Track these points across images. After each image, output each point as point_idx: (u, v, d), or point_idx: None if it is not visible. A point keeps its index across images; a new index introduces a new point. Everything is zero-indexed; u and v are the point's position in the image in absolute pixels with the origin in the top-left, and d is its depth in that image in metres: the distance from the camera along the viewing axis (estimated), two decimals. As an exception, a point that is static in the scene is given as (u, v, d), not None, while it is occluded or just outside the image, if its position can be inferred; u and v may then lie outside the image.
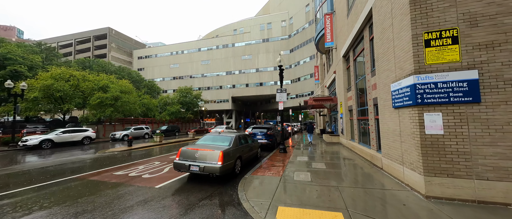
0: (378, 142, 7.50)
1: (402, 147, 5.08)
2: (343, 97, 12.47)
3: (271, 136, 12.24)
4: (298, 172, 6.52)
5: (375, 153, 7.41)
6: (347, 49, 11.08)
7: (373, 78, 7.56)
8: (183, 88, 39.71)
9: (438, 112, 4.24)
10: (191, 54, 59.53)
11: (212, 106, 56.91)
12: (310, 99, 17.42)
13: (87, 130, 18.11)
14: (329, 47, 14.84)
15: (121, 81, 27.16)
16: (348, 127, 12.00)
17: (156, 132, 26.21)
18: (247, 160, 7.84)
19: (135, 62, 63.82)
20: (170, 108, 34.35)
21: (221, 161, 5.61)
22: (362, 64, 9.18)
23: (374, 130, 7.63)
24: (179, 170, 5.85)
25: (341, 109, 13.11)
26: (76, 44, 60.51)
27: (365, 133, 9.13)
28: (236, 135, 7.27)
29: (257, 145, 9.32)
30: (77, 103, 22.52)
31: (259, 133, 12.42)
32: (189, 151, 5.96)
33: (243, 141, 7.81)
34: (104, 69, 40.15)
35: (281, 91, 10.92)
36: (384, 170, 6.32)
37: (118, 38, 60.74)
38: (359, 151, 9.26)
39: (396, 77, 5.25)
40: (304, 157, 9.11)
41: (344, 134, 12.53)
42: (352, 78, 10.79)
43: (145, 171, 7.01)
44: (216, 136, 7.23)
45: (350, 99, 11.37)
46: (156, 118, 31.83)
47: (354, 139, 10.88)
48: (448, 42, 4.25)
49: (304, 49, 46.87)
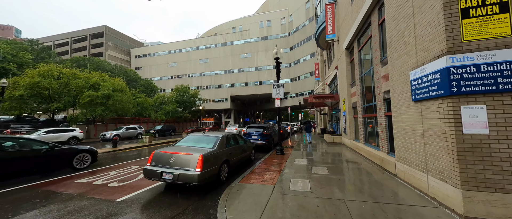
0: (389, 143, 6.43)
1: (426, 150, 4.01)
2: (346, 94, 11.40)
3: (268, 136, 11.18)
4: (296, 179, 5.45)
5: (386, 156, 6.34)
6: (350, 40, 10.00)
7: (383, 68, 6.48)
8: (180, 87, 38.68)
9: (481, 104, 3.17)
10: (189, 52, 58.50)
11: (211, 106, 55.88)
12: (310, 97, 16.35)
13: (74, 129, 17.09)
14: (330, 40, 13.75)
15: (114, 79, 26.14)
16: (351, 126, 10.93)
17: (149, 131, 25.23)
18: (238, 163, 6.79)
19: (132, 61, 62.81)
20: (166, 108, 33.31)
21: (200, 167, 4.55)
22: (369, 54, 8.10)
23: (384, 129, 6.56)
24: (150, 178, 4.80)
25: (344, 107, 12.04)
26: (73, 43, 59.55)
27: (372, 132, 8.06)
28: (223, 135, 6.21)
29: (250, 146, 8.26)
30: (66, 102, 21.51)
31: (255, 132, 11.36)
32: (163, 155, 4.90)
33: (233, 141, 6.76)
34: (99, 67, 39.16)
35: (277, 87, 9.86)
36: (399, 177, 5.25)
37: (115, 36, 59.77)
38: (365, 153, 8.18)
39: (418, 62, 4.18)
40: (303, 160, 8.04)
41: (347, 134, 11.46)
42: (356, 72, 9.71)
43: (115, 178, 5.95)
44: (200, 136, 6.18)
45: (354, 95, 10.30)
46: (151, 118, 30.81)
47: (358, 139, 9.81)
48: (495, 10, 3.18)
49: (304, 47, 45.76)
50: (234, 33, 55.34)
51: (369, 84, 8.37)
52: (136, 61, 62.75)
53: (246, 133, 11.55)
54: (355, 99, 10.14)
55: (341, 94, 13.13)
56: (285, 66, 50.73)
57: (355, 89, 10.09)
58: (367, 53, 8.39)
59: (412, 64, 4.39)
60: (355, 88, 9.96)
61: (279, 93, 9.88)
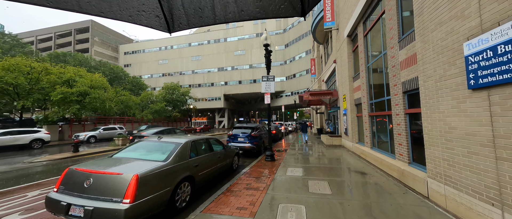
0: (411, 149, 4.83)
1: (501, 169, 2.40)
2: (347, 89, 9.82)
3: (256, 138, 9.48)
4: (287, 206, 3.78)
5: (407, 167, 4.73)
6: (354, 24, 8.41)
7: (403, 50, 4.87)
8: (170, 84, 36.56)
9: None
10: (181, 49, 56.27)
11: (203, 105, 53.87)
12: (305, 94, 14.75)
13: (39, 130, 15.00)
14: (329, 28, 12.15)
15: (93, 75, 23.94)
16: (354, 126, 9.36)
17: (132, 132, 23.21)
18: (211, 177, 5.09)
19: (121, 58, 60.06)
20: (153, 106, 31.20)
21: (132, 196, 2.82)
22: (380, 37, 6.50)
23: (403, 130, 4.96)
24: (53, 214, 3.03)
25: (345, 104, 10.47)
26: (57, 38, 56.40)
27: (384, 135, 6.47)
28: (188, 141, 4.47)
29: (231, 152, 6.55)
30: (36, 100, 19.27)
31: (241, 134, 9.64)
32: (78, 174, 3.14)
33: (204, 148, 5.03)
34: (82, 64, 36.62)
35: (267, 80, 8.17)
36: (436, 203, 3.64)
37: (102, 32, 56.93)
38: (373, 160, 6.59)
39: (484, 24, 2.56)
40: (297, 169, 6.38)
41: (348, 135, 9.89)
42: (361, 62, 8.12)
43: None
44: (154, 142, 4.42)
45: (358, 90, 8.71)
46: (136, 117, 28.68)
47: (363, 142, 8.24)
48: None
49: (300, 44, 44.30)
50: (228, 30, 53.43)
51: (380, 75, 6.78)
52: (125, 58, 60.03)
53: (231, 135, 9.84)
54: (359, 95, 8.55)
55: (341, 90, 11.56)
56: (280, 64, 49.17)
57: (359, 83, 8.50)
58: (377, 35, 6.79)
59: (470, 30, 2.76)
60: (359, 81, 8.37)
61: (269, 87, 8.20)
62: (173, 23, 1.40)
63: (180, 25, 1.41)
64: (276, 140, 16.16)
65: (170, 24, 1.39)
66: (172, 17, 1.37)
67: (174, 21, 1.39)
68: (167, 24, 1.38)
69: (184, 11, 1.34)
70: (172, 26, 1.41)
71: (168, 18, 1.36)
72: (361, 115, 8.44)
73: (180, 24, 1.40)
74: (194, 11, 1.33)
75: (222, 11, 1.30)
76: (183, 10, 1.33)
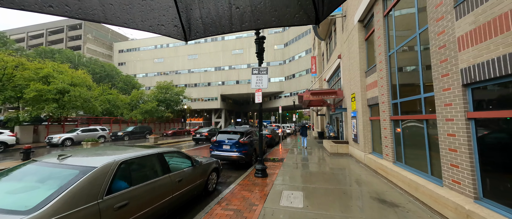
0: (478, 178, 3.02)
1: None
2: (358, 86, 8.03)
3: (246, 146, 7.63)
4: None
5: (472, 205, 2.92)
6: (369, 3, 6.63)
7: (466, 19, 3.07)
8: (163, 83, 34.66)
9: None
10: (177, 48, 54.51)
11: (199, 105, 52.04)
12: (306, 93, 12.97)
13: (1, 132, 13.14)
14: (334, 16, 10.38)
15: (76, 71, 22.09)
16: (366, 133, 7.55)
17: (117, 134, 21.33)
18: (168, 211, 3.27)
19: (115, 56, 58.25)
20: (144, 106, 29.25)
21: None
22: (412, 10, 4.71)
23: (463, 145, 3.16)
24: None
25: (354, 104, 8.68)
26: (48, 35, 54.47)
27: (417, 147, 4.65)
28: (108, 163, 2.62)
29: (205, 169, 4.71)
30: (8, 98, 17.38)
31: (227, 141, 7.78)
32: None
33: (147, 171, 3.21)
34: (71, 61, 34.74)
35: (259, 73, 6.36)
36: None
37: (96, 29, 55.08)
38: (401, 181, 4.76)
39: None
40: (296, 194, 4.55)
41: (359, 143, 8.09)
42: (379, 51, 6.32)
43: None
44: (47, 166, 2.57)
45: (373, 87, 6.92)
46: (124, 118, 26.74)
47: (381, 154, 6.43)
48: None
49: (300, 42, 42.61)
50: (225, 28, 51.68)
51: (410, 62, 4.99)
52: (120, 56, 58.20)
53: (215, 142, 8.00)
54: (374, 93, 6.76)
55: (347, 89, 9.77)
56: (279, 63, 47.46)
57: (374, 78, 6.71)
58: (406, 11, 4.99)
59: None
60: (375, 76, 6.57)
61: (261, 82, 6.38)
62: (190, 32, 1.43)
63: (197, 34, 1.43)
64: (272, 144, 14.34)
65: (187, 33, 1.43)
66: (190, 27, 1.40)
67: (191, 31, 1.42)
68: (184, 33, 1.42)
69: (202, 21, 1.36)
70: (189, 35, 1.44)
71: (186, 28, 1.40)
72: (378, 118, 6.63)
73: (197, 33, 1.43)
74: (212, 21, 1.36)
75: (238, 21, 1.33)
76: (201, 20, 1.36)
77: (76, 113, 21.31)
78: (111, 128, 25.13)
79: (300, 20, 1.27)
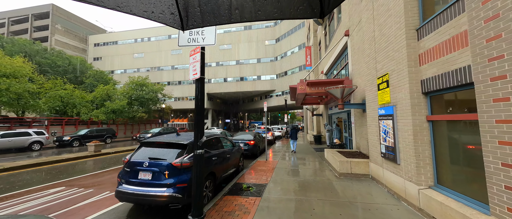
0: None
1: None
2: (396, 60, 4.45)
3: (187, 173, 3.81)
4: None
5: None
6: None
7: None
8: (136, 79, 30.08)
9: None
10: (159, 42, 49.90)
11: (184, 104, 47.63)
12: (301, 84, 9.36)
13: None
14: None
15: (12, 59, 17.44)
16: (424, 146, 3.93)
17: (62, 139, 16.82)
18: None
19: (90, 50, 52.75)
20: (110, 105, 24.66)
21: None
22: None
23: None
24: None
25: (387, 95, 5.08)
26: (11, 24, 48.29)
27: None
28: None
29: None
30: None
31: (150, 164, 3.92)
32: None
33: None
34: (24, 50, 29.54)
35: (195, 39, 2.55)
36: None
37: (67, 19, 49.45)
38: None
39: None
40: None
41: (399, 163, 4.48)
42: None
43: None
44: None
45: (440, 54, 3.30)
46: (81, 118, 22.09)
47: (465, 197, 2.82)
48: None
49: (292, 37, 39.30)
50: (212, 21, 47.69)
51: None
52: (95, 50, 52.72)
53: (128, 164, 4.11)
54: (448, 65, 3.17)
55: (364, 75, 6.16)
56: (270, 60, 43.95)
57: (452, 31, 3.12)
58: None
59: None
60: (454, 25, 2.97)
61: (211, 38, 2.60)
62: (187, 21, 1.38)
63: (194, 23, 1.40)
64: (256, 154, 10.59)
65: (184, 21, 1.38)
66: (187, 15, 1.36)
67: (189, 19, 1.38)
68: (181, 21, 1.37)
69: (200, 9, 1.32)
70: (186, 24, 1.39)
71: (183, 16, 1.35)
72: (459, 118, 3.04)
73: (194, 22, 1.39)
74: (211, 10, 1.32)
75: (238, 11, 1.28)
76: (199, 8, 1.32)
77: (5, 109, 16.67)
78: (64, 130, 20.49)
79: (304, 12, 1.24)
